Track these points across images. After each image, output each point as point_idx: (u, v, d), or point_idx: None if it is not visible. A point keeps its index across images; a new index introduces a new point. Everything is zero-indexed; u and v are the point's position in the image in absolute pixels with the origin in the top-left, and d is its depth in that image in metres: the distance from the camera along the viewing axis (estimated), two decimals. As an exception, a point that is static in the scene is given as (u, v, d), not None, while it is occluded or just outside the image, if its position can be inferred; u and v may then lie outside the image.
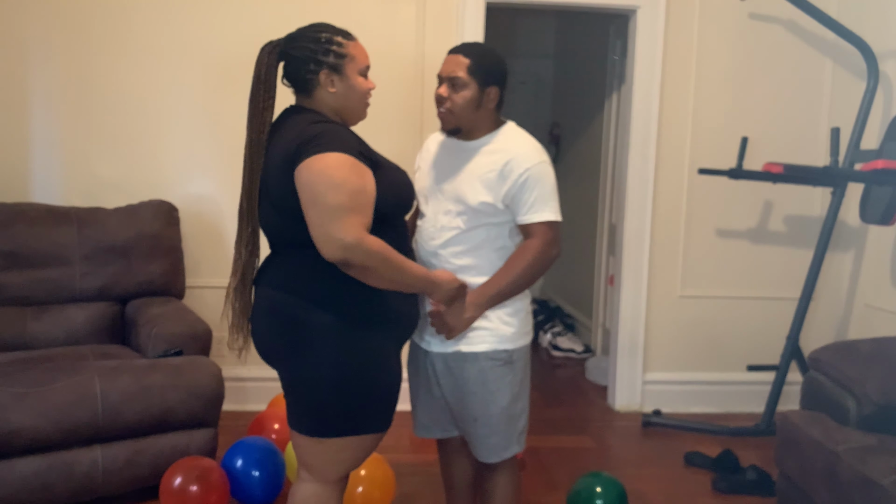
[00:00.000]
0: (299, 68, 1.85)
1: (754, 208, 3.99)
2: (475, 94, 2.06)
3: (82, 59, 3.54)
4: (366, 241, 1.70)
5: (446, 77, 2.07)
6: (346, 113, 1.90)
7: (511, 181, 2.04)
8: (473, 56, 2.07)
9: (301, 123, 1.80)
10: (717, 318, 4.01)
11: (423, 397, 2.26)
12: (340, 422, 1.84)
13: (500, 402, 2.12)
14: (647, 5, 3.80)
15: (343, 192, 1.69)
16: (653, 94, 3.84)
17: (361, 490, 2.60)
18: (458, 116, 2.08)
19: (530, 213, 2.06)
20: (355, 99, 1.89)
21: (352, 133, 1.83)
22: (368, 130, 3.67)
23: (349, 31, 1.91)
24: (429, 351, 2.16)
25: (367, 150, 1.83)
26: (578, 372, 4.73)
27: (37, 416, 2.44)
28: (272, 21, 3.61)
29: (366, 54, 1.91)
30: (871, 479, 2.10)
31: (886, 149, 3.35)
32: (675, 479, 3.18)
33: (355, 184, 1.71)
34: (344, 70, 1.85)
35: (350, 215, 1.68)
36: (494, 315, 2.11)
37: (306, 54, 1.84)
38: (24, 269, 3.08)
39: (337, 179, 1.69)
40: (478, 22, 3.70)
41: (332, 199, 1.68)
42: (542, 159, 2.09)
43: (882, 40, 3.66)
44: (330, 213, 1.68)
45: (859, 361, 2.57)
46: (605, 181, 4.88)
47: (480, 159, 2.09)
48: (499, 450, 2.15)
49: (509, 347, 2.13)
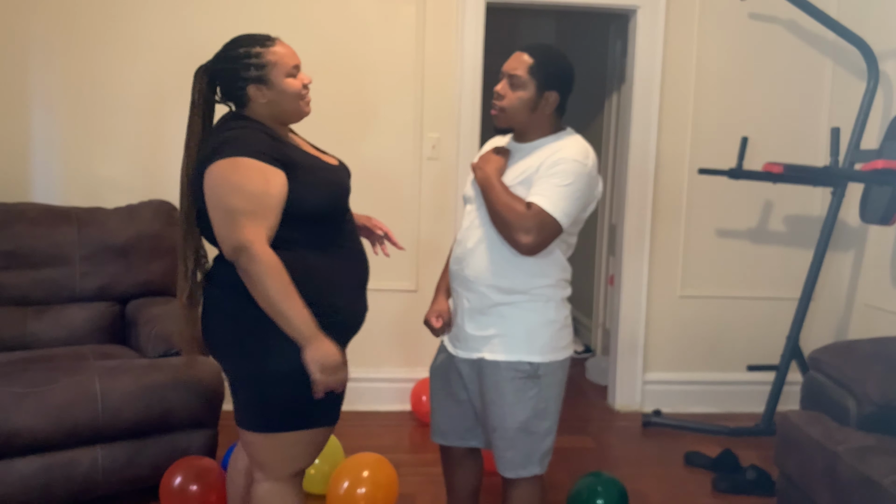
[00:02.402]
0: (228, 88, 1.89)
1: (754, 208, 3.99)
2: (532, 96, 2.00)
3: (82, 59, 3.54)
4: (254, 247, 1.70)
5: (506, 73, 2.01)
6: (284, 116, 1.92)
7: (546, 164, 1.96)
8: (538, 56, 2.01)
9: (218, 131, 1.85)
10: (717, 318, 4.01)
11: (444, 402, 2.20)
12: (288, 416, 1.85)
13: (518, 417, 2.01)
14: (647, 5, 3.80)
15: (240, 195, 1.71)
16: (653, 94, 3.84)
17: (364, 491, 2.60)
18: (511, 116, 2.03)
19: (536, 195, 1.93)
20: (288, 101, 1.89)
21: (266, 136, 1.82)
22: (369, 130, 3.70)
23: (268, 36, 1.91)
24: (455, 356, 2.13)
25: (283, 153, 1.80)
26: (578, 372, 4.73)
27: (37, 416, 2.44)
28: (273, 21, 3.62)
29: (291, 53, 1.90)
30: (871, 479, 2.10)
31: (886, 149, 3.35)
32: (675, 479, 3.18)
33: (255, 187, 1.72)
34: (269, 78, 1.86)
35: (245, 218, 1.71)
36: (521, 323, 2.01)
37: (230, 74, 1.87)
38: (24, 269, 3.08)
39: (235, 183, 1.72)
40: (478, 22, 3.70)
41: (230, 202, 1.72)
42: (582, 161, 1.97)
43: (882, 40, 3.66)
44: (227, 216, 1.72)
45: (859, 361, 2.57)
46: (606, 181, 4.88)
47: (531, 160, 2.01)
48: (515, 466, 2.06)
49: (536, 360, 2.01)
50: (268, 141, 1.80)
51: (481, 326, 2.04)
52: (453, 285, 2.12)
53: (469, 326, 2.06)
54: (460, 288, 2.08)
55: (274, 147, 1.80)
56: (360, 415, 3.73)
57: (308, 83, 1.93)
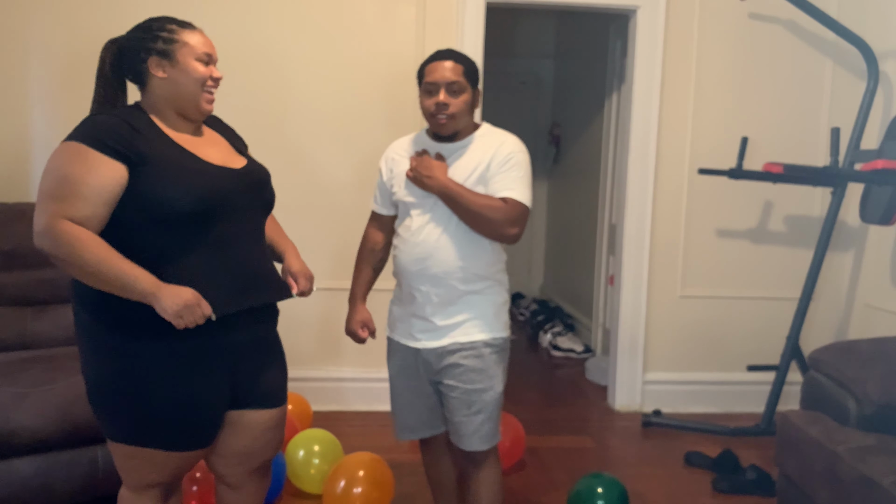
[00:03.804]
0: (131, 60, 1.79)
1: (754, 208, 3.99)
2: (470, 97, 2.17)
3: (82, 59, 3.54)
4: (55, 228, 1.60)
5: (444, 83, 2.12)
6: (180, 101, 1.80)
7: (498, 160, 2.13)
8: (462, 61, 2.16)
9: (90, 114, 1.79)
10: (717, 318, 4.02)
11: (409, 399, 2.30)
12: (110, 428, 1.78)
13: (497, 388, 2.20)
14: (647, 5, 3.80)
15: (51, 178, 1.64)
16: (653, 94, 3.84)
17: (360, 490, 2.60)
18: (459, 121, 2.16)
19: (506, 190, 2.12)
20: (188, 84, 1.78)
21: (125, 126, 1.71)
22: (369, 130, 3.70)
23: (190, 23, 1.85)
24: (420, 349, 2.22)
25: (132, 146, 1.68)
26: (578, 372, 4.73)
27: (37, 416, 2.44)
28: (273, 21, 3.62)
29: (207, 44, 1.83)
30: (871, 479, 2.10)
31: (886, 149, 3.35)
32: (675, 479, 3.18)
33: (69, 172, 1.63)
34: (174, 56, 1.77)
35: (49, 202, 1.62)
36: (488, 305, 2.20)
37: (135, 44, 1.79)
38: (24, 269, 3.08)
39: (54, 166, 1.66)
40: (478, 22, 3.70)
41: (42, 185, 1.65)
42: (524, 149, 2.20)
43: (882, 40, 3.66)
44: (38, 200, 1.65)
45: (859, 361, 2.57)
46: (605, 181, 4.88)
47: (473, 154, 2.17)
48: (490, 436, 2.21)
49: (504, 335, 2.24)
50: (120, 131, 1.69)
51: (450, 315, 2.18)
52: (413, 284, 2.19)
53: (437, 318, 2.19)
54: (424, 285, 2.17)
55: (122, 138, 1.67)
56: (359, 415, 3.73)
57: (217, 78, 1.84)
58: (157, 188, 1.68)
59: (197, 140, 1.85)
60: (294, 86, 3.68)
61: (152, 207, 1.68)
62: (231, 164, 1.86)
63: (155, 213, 1.68)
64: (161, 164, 1.70)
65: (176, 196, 1.68)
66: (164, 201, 1.68)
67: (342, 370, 3.82)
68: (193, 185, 1.72)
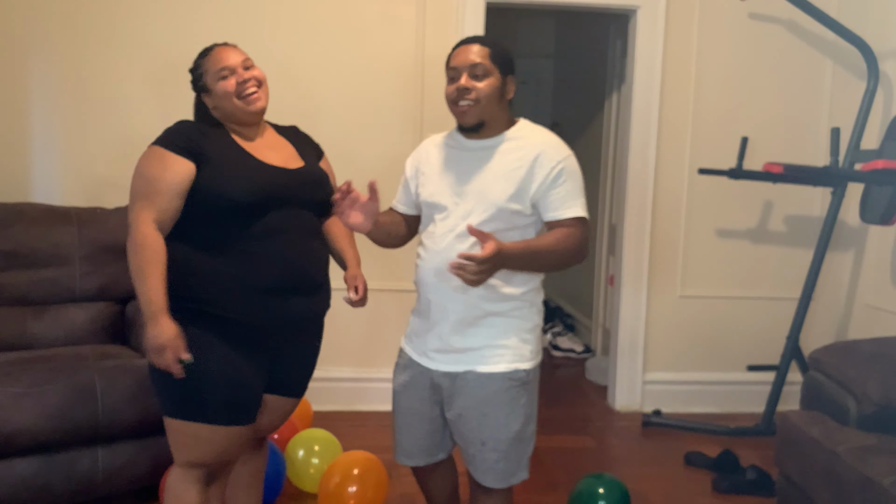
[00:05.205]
0: (197, 99, 2.12)
1: (754, 208, 3.98)
2: (499, 83, 1.94)
3: (82, 59, 3.54)
4: (134, 224, 1.87)
5: (465, 66, 1.92)
6: (231, 116, 2.05)
7: (543, 175, 1.91)
8: (491, 45, 1.96)
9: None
10: (717, 318, 4.01)
11: (411, 421, 2.08)
12: (165, 403, 1.97)
13: (514, 426, 1.97)
14: (647, 5, 3.80)
15: (139, 179, 1.92)
16: (653, 94, 3.84)
17: (355, 490, 2.60)
18: (484, 108, 1.92)
19: (563, 209, 1.93)
20: (226, 102, 2.03)
21: (194, 130, 1.98)
22: (369, 130, 3.69)
23: (209, 46, 2.09)
24: (433, 370, 2.02)
25: (198, 145, 1.93)
26: (578, 372, 4.73)
27: (37, 416, 2.44)
28: (273, 21, 3.62)
29: (221, 58, 2.03)
30: (871, 479, 2.10)
31: (886, 149, 3.35)
32: (675, 479, 3.18)
33: (151, 172, 1.90)
34: (207, 86, 2.05)
35: (137, 200, 1.90)
36: (512, 331, 1.97)
37: (194, 88, 2.10)
38: (24, 269, 3.08)
39: (139, 168, 1.94)
40: (478, 22, 3.70)
41: (132, 185, 1.93)
42: (570, 153, 1.99)
43: (882, 40, 3.66)
44: (129, 200, 1.93)
45: (859, 361, 2.57)
46: (605, 181, 4.88)
47: (504, 156, 1.95)
48: (507, 475, 2.01)
49: (528, 367, 1.99)
50: (189, 134, 1.95)
51: (469, 338, 1.96)
52: (431, 297, 1.99)
53: (455, 339, 1.97)
54: (443, 300, 1.96)
55: (191, 140, 1.93)
56: (359, 415, 3.73)
57: (242, 80, 2.01)
58: (217, 182, 1.91)
59: (259, 144, 2.07)
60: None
61: (212, 199, 1.90)
62: (289, 165, 2.06)
63: (214, 205, 1.90)
64: (222, 161, 1.94)
65: (232, 189, 1.90)
66: (221, 194, 1.90)
67: (342, 370, 3.82)
68: (248, 180, 1.93)
